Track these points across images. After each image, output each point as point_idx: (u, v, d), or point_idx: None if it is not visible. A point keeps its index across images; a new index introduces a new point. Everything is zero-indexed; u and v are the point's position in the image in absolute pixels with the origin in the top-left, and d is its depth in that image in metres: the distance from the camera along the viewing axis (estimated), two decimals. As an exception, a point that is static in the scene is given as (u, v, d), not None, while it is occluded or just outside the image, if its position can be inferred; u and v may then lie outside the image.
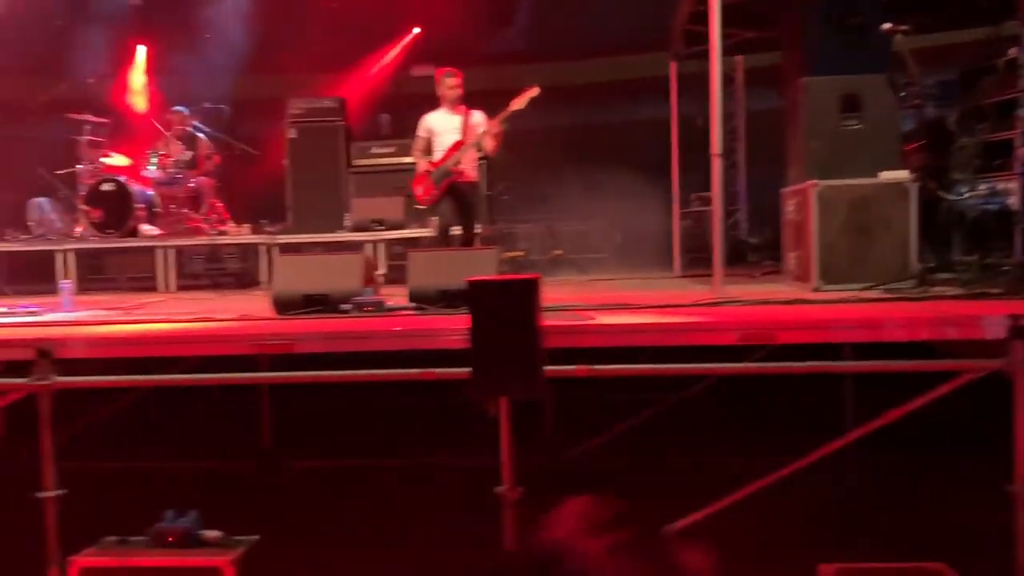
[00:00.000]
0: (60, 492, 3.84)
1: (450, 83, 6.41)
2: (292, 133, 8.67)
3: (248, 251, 8.51)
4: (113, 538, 3.81)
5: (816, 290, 4.89)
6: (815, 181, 4.98)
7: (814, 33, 5.39)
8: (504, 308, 3.05)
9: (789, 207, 5.65)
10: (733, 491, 3.67)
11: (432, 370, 3.66)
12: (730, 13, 4.73)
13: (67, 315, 5.08)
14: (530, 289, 3.09)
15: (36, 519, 3.82)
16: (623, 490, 4.49)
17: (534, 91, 6.09)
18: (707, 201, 8.59)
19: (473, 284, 3.10)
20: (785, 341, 3.52)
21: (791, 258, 5.63)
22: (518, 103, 6.10)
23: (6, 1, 9.34)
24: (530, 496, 3.57)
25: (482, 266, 4.58)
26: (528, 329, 3.07)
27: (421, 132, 6.52)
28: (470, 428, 3.98)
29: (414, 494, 4.62)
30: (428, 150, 6.46)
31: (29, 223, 8.64)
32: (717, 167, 4.65)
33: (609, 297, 5.01)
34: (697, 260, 7.75)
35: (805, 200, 5.08)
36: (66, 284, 5.72)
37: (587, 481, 4.70)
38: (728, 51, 4.78)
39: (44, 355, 3.79)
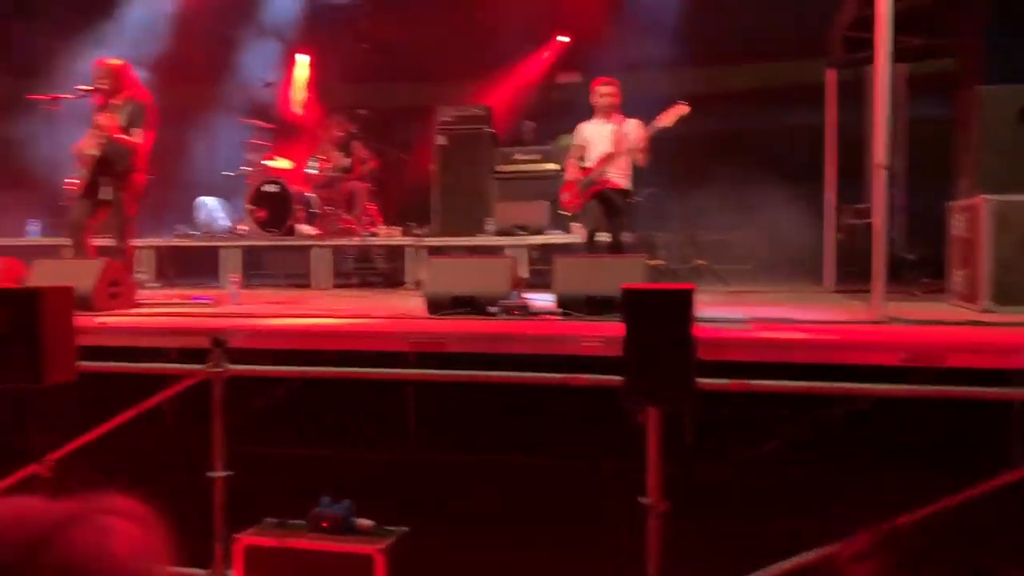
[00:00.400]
0: (227, 473, 4.11)
1: (602, 91, 6.46)
2: (441, 140, 8.91)
3: (395, 252, 8.83)
4: (273, 520, 4.04)
5: (986, 311, 4.60)
6: (988, 196, 4.69)
7: (992, 40, 5.07)
8: (658, 317, 3.04)
9: (957, 222, 5.34)
10: (887, 518, 3.50)
11: (581, 375, 3.69)
12: (898, 19, 4.53)
13: (236, 307, 5.43)
14: (685, 299, 3.07)
15: (201, 498, 4.08)
16: (768, 510, 4.38)
17: (683, 109, 6.04)
18: (861, 213, 8.23)
19: (627, 292, 3.11)
20: (956, 364, 3.33)
21: (957, 276, 5.31)
22: (666, 120, 6.07)
23: (185, 12, 10.11)
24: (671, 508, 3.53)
25: (629, 273, 4.57)
26: (682, 339, 3.05)
27: (577, 140, 6.63)
28: (612, 435, 3.98)
29: (556, 496, 4.65)
30: (582, 158, 6.55)
31: (197, 220, 9.30)
32: (881, 179, 4.45)
33: (760, 310, 4.89)
34: (849, 275, 7.43)
35: (976, 216, 4.78)
36: (234, 279, 6.11)
37: (730, 497, 4.61)
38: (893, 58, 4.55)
39: (219, 344, 4.07)
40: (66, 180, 6.06)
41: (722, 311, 4.60)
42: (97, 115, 5.94)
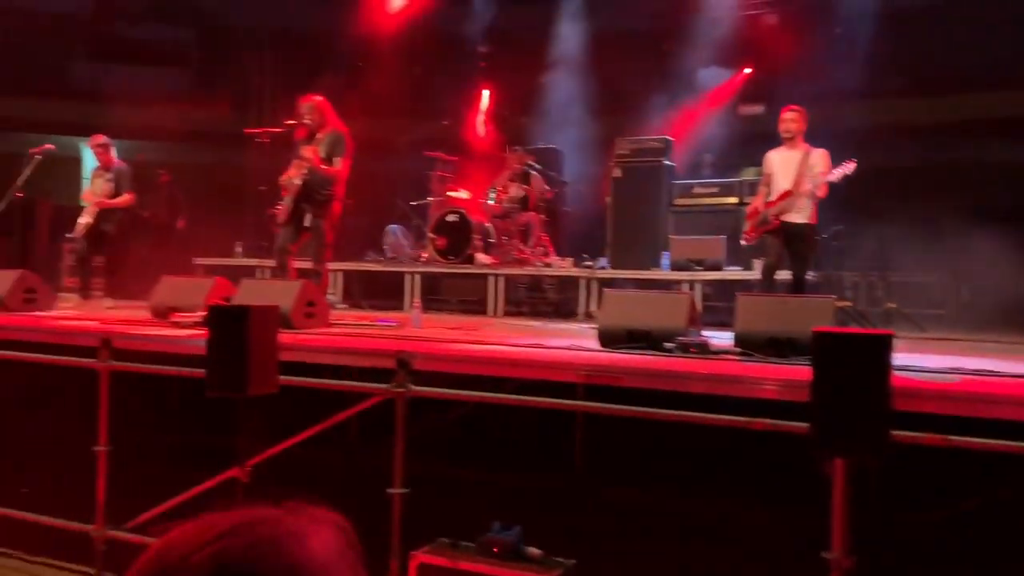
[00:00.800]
0: (405, 491, 4.27)
1: (786, 118, 6.33)
2: (617, 172, 8.93)
3: (567, 283, 8.91)
4: (446, 540, 4.14)
5: None
6: None
7: None
8: (852, 363, 2.89)
9: None
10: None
11: (761, 419, 3.56)
12: None
13: (417, 331, 5.67)
14: (882, 346, 2.90)
15: (376, 513, 4.23)
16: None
17: (851, 167, 5.91)
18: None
19: (819, 335, 2.98)
20: None
21: None
22: (835, 175, 5.95)
23: (379, 50, 10.78)
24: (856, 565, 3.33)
25: (816, 315, 4.37)
26: (877, 388, 2.88)
27: (765, 168, 6.54)
28: (790, 482, 3.81)
29: (728, 541, 4.50)
30: (769, 187, 6.43)
31: (384, 247, 9.80)
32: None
33: (960, 360, 4.54)
34: (1062, 325, 6.77)
35: None
36: (417, 303, 6.37)
37: (921, 556, 4.28)
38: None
39: (403, 365, 4.25)
40: (272, 208, 6.57)
41: (917, 359, 4.31)
42: (302, 147, 6.38)
